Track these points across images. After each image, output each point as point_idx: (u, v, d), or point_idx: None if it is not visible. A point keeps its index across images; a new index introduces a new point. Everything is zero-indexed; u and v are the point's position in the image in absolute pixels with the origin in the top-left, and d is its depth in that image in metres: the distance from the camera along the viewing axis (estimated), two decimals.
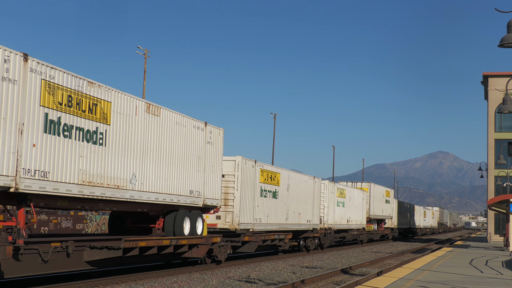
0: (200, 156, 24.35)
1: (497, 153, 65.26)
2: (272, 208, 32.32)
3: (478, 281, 19.78)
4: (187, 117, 23.45)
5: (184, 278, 22.04)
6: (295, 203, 35.99)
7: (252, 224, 29.67)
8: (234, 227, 28.14)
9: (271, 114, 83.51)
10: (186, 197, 23.23)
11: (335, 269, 28.24)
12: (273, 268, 27.90)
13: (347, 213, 48.99)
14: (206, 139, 24.94)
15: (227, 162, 28.50)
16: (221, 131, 26.41)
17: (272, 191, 32.43)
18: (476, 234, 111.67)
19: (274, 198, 32.69)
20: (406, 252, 46.82)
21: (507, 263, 29.08)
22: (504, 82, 65.78)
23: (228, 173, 28.46)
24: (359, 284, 19.95)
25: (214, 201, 25.54)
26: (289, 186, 34.97)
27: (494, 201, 44.76)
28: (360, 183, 59.05)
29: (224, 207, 28.19)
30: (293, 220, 35.71)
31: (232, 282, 21.50)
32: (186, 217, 23.54)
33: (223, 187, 28.15)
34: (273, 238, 32.51)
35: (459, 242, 63.00)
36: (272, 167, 32.61)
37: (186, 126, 23.27)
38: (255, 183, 30.13)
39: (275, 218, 32.78)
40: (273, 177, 32.58)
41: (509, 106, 24.01)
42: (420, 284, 18.12)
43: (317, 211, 40.39)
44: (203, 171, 24.55)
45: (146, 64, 57.24)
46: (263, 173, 31.19)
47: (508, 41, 16.67)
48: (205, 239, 24.53)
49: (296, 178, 36.43)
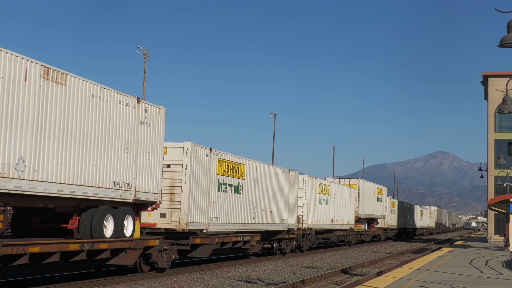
0: (130, 139, 19.61)
1: (497, 153, 65.13)
2: (234, 205, 27.57)
3: (478, 281, 19.73)
4: (110, 90, 18.73)
5: (184, 278, 21.95)
6: (265, 199, 31.25)
7: (206, 224, 24.92)
8: (181, 227, 23.38)
9: (271, 114, 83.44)
10: (109, 190, 18.50)
11: (335, 269, 28.09)
12: (273, 268, 27.67)
13: (332, 211, 44.19)
14: (140, 118, 20.20)
15: (173, 149, 23.80)
16: (162, 111, 21.67)
17: (234, 185, 27.68)
18: (476, 234, 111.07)
19: (237, 193, 27.94)
20: (406, 252, 46.52)
21: (507, 263, 29.00)
22: (504, 82, 65.70)
23: (175, 163, 23.73)
24: (359, 284, 19.86)
25: (151, 196, 20.82)
26: (257, 179, 30.20)
27: (494, 201, 44.82)
28: (348, 179, 54.19)
29: (170, 204, 23.46)
30: (263, 219, 30.96)
31: (232, 282, 21.40)
32: (108, 215, 18.80)
33: (168, 180, 23.45)
34: (235, 240, 27.79)
35: (459, 242, 62.62)
36: (234, 157, 27.83)
37: (107, 100, 18.53)
38: (210, 175, 25.39)
39: (238, 217, 28.03)
40: (236, 169, 27.83)
41: (509, 106, 23.96)
42: (420, 284, 18.07)
43: (293, 209, 35.64)
44: (135, 158, 19.82)
45: (146, 64, 57.45)
46: (222, 163, 26.44)
47: (508, 41, 16.55)
48: (135, 242, 19.76)
49: (267, 171, 31.67)
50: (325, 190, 42.51)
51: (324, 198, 42.20)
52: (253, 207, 29.70)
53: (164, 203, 23.33)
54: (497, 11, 17.18)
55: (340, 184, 48.39)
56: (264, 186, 31.14)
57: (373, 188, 59.39)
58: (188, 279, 21.58)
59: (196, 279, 21.84)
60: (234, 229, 27.85)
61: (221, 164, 26.35)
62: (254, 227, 29.95)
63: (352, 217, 50.55)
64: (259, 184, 30.42)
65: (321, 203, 41.62)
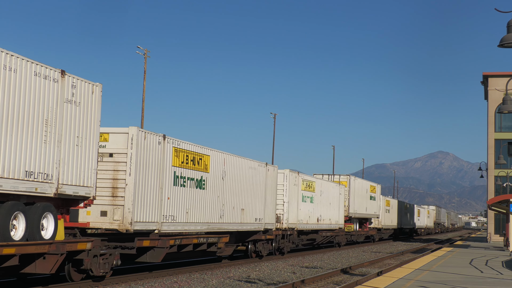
0: (50, 120, 16.04)
1: (497, 153, 64.93)
2: (196, 202, 24.01)
3: (478, 281, 19.70)
4: (22, 58, 15.16)
5: (184, 278, 21.83)
6: (236, 196, 27.71)
7: (157, 224, 21.35)
8: (124, 227, 19.81)
9: (271, 114, 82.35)
10: (18, 181, 14.92)
11: (335, 269, 27.94)
12: (273, 268, 27.53)
13: (318, 210, 40.62)
14: (65, 96, 16.63)
15: (116, 135, 20.25)
16: (97, 88, 18.07)
17: (196, 179, 24.12)
18: (476, 234, 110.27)
19: (200, 188, 24.39)
20: (406, 252, 46.36)
21: (507, 263, 28.98)
22: (504, 82, 65.42)
23: (118, 151, 20.18)
24: (359, 284, 19.77)
25: (81, 190, 17.24)
26: (225, 173, 26.65)
27: (494, 201, 44.66)
28: (338, 175, 50.50)
29: (112, 200, 19.90)
30: (233, 218, 27.40)
31: (232, 282, 21.25)
32: (17, 212, 15.20)
33: (110, 171, 19.93)
34: (196, 242, 24.25)
35: (459, 242, 62.49)
36: (196, 147, 24.25)
37: (17, 71, 14.98)
38: (164, 166, 21.83)
39: (201, 216, 24.47)
40: (198, 161, 24.27)
41: (509, 106, 23.91)
42: (420, 284, 18.09)
43: (271, 207, 32.08)
44: (57, 143, 16.24)
45: (146, 64, 56.92)
46: (179, 153, 22.86)
47: (508, 41, 16.52)
48: (55, 245, 16.14)
49: (238, 164, 28.11)
50: (309, 187, 38.94)
51: (308, 195, 38.63)
52: (220, 204, 26.14)
53: (106, 199, 19.85)
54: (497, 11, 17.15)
55: (328, 181, 44.77)
56: (235, 181, 27.59)
57: (366, 185, 55.77)
58: (188, 279, 21.47)
59: (196, 279, 21.75)
60: (196, 229, 24.31)
61: (178, 154, 22.78)
62: (222, 227, 26.40)
63: (342, 216, 46.94)
64: (228, 179, 26.88)
65: (305, 200, 38.05)
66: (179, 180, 22.77)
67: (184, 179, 23.09)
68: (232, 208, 27.31)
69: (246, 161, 29.00)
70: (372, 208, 57.89)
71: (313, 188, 39.60)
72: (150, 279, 21.04)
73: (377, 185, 61.08)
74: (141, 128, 20.55)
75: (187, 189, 23.33)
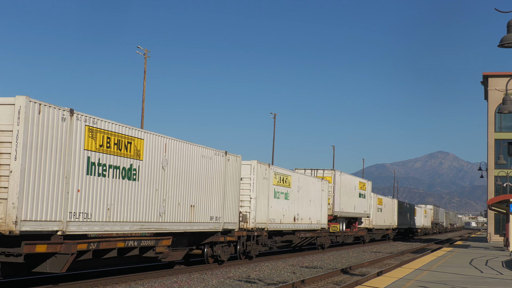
0: None
1: (497, 153, 65.46)
2: (122, 196, 19.19)
3: (478, 281, 19.63)
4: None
5: (184, 278, 21.84)
6: (182, 190, 22.94)
7: (61, 223, 16.55)
8: (7, 227, 15.05)
9: (271, 114, 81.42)
10: None
11: (335, 269, 27.91)
12: (273, 268, 27.46)
13: (295, 208, 35.85)
14: None
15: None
16: None
17: (124, 168, 19.32)
18: (476, 234, 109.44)
19: (129, 179, 19.60)
20: (406, 252, 46.27)
21: (507, 263, 28.98)
22: (504, 82, 65.68)
23: (0, 128, 15.44)
24: (359, 284, 19.67)
25: None
26: (167, 161, 21.87)
27: (494, 201, 44.43)
28: (322, 170, 45.63)
29: None
30: (178, 217, 22.62)
31: (232, 282, 21.22)
32: None
33: None
34: (122, 246, 19.46)
35: (459, 242, 62.33)
36: (122, 127, 19.35)
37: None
38: (72, 150, 17.02)
39: (130, 213, 19.65)
40: (126, 145, 19.47)
41: (509, 106, 23.96)
42: (420, 284, 18.01)
43: (233, 204, 27.29)
44: None
45: (146, 64, 56.49)
46: (96, 134, 18.05)
47: (508, 41, 16.51)
48: None
49: (186, 151, 23.32)
50: (284, 182, 34.17)
51: (282, 191, 33.87)
52: (160, 199, 21.37)
53: None
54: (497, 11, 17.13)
55: (308, 176, 39.92)
56: (181, 172, 22.82)
57: (354, 181, 50.91)
58: (188, 279, 21.53)
59: (196, 279, 21.78)
60: (123, 230, 19.51)
61: (95, 136, 17.98)
62: (163, 227, 21.61)
63: (325, 215, 42.15)
64: (171, 168, 22.11)
65: (279, 197, 33.28)
66: (96, 168, 17.97)
67: (103, 167, 18.30)
68: (178, 205, 22.55)
69: (197, 148, 24.22)
70: (362, 207, 53.10)
71: (288, 183, 34.84)
72: (150, 279, 21.29)
73: (367, 182, 56.29)
74: (35, 100, 15.78)
75: (109, 179, 18.54)
